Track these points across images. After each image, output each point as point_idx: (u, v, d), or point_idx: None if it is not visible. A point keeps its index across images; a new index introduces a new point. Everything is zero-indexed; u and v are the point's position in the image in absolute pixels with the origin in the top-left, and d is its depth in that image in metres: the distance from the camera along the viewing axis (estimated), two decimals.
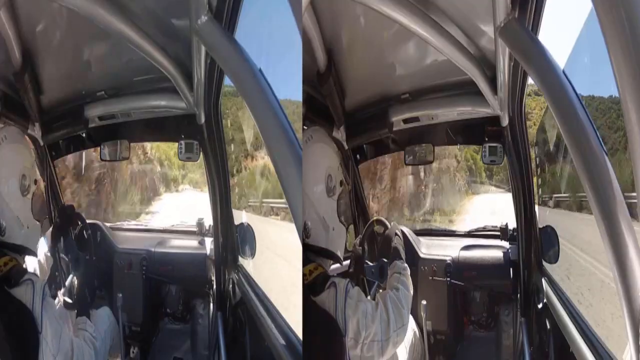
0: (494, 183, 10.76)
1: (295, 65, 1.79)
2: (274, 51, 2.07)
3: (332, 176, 1.88)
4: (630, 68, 0.97)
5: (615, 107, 2.20)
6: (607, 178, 1.29)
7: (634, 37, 0.95)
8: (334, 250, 1.87)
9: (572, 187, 3.35)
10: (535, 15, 1.66)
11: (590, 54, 1.67)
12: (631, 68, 0.97)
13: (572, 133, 1.40)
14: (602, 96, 2.35)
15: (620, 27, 0.96)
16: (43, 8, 2.13)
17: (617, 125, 2.22)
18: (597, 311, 2.28)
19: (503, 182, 9.54)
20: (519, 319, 2.69)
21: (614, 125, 2.32)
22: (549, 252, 2.45)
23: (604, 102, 2.42)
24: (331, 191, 1.87)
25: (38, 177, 2.12)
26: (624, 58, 0.97)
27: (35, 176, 2.09)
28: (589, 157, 1.33)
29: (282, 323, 1.88)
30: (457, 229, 3.78)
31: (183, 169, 10.41)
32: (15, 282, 1.86)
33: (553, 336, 2.23)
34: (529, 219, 2.57)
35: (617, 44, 0.98)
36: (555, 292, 2.26)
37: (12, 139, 2.02)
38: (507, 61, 1.94)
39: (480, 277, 3.07)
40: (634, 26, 0.95)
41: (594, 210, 1.30)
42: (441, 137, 3.09)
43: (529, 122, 2.98)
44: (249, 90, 1.59)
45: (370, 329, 1.78)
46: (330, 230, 1.85)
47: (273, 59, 1.97)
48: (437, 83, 2.65)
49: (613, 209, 1.25)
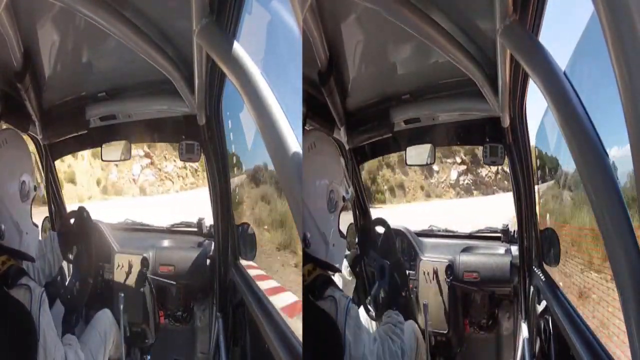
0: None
1: (295, 65, 1.79)
2: (275, 51, 2.07)
3: (335, 191, 1.84)
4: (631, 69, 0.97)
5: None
6: (608, 178, 1.29)
7: (635, 38, 0.95)
8: (333, 263, 1.86)
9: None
10: (536, 17, 1.66)
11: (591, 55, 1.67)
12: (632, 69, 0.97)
13: (573, 134, 1.40)
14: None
15: (622, 28, 0.96)
16: (44, 8, 2.13)
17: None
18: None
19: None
20: (520, 321, 2.69)
21: None
22: (549, 254, 2.45)
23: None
24: (333, 207, 1.84)
25: (38, 183, 2.11)
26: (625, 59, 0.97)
27: (35, 182, 2.08)
28: (589, 158, 1.33)
29: (281, 324, 1.87)
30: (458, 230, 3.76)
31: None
32: (13, 282, 1.86)
33: (553, 338, 2.23)
34: (530, 220, 2.57)
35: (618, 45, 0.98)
36: (555, 295, 2.25)
37: (12, 144, 2.02)
38: (508, 62, 1.94)
39: (481, 278, 3.07)
40: (635, 27, 0.94)
41: (594, 211, 1.30)
42: (442, 137, 3.09)
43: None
44: (250, 91, 1.59)
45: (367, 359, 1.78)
46: (330, 246, 1.83)
47: (274, 59, 1.97)
48: (438, 83, 2.65)
49: (613, 210, 1.25)
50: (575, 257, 2.83)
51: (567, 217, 3.04)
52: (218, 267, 2.67)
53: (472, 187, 24.30)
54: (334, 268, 1.88)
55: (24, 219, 2.02)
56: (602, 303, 2.24)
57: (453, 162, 24.16)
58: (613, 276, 1.22)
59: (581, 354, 1.70)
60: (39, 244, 2.27)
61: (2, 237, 1.92)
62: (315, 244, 1.79)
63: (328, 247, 1.82)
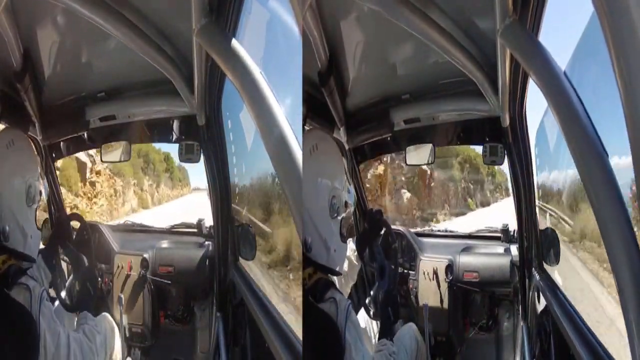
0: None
1: (295, 65, 1.79)
2: (275, 51, 2.07)
3: (337, 197, 1.81)
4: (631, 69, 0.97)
5: None
6: (608, 179, 1.29)
7: (635, 38, 0.95)
8: (334, 267, 1.85)
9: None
10: (536, 17, 1.66)
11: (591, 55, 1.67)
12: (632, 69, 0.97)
13: (573, 134, 1.40)
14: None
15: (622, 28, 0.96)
16: (43, 9, 2.13)
17: None
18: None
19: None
20: (520, 321, 2.69)
21: None
22: (549, 253, 2.44)
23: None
24: (335, 212, 1.81)
25: (42, 188, 2.10)
26: (625, 59, 0.97)
27: (41, 187, 2.07)
28: (589, 159, 1.33)
29: (282, 324, 1.87)
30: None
31: None
32: (13, 281, 1.86)
33: (554, 338, 2.22)
34: (529, 220, 2.56)
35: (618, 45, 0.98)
36: (555, 295, 2.25)
37: (19, 146, 2.02)
38: (508, 62, 1.94)
39: (481, 278, 3.07)
40: (635, 27, 0.94)
41: (594, 211, 1.30)
42: (442, 137, 3.09)
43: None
44: (250, 91, 1.59)
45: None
46: (331, 251, 1.81)
47: (274, 59, 1.97)
48: (438, 83, 2.65)
49: (613, 210, 1.25)
50: None
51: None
52: (218, 267, 2.67)
53: None
54: (335, 272, 1.87)
55: (29, 223, 2.02)
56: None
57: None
58: (613, 276, 1.22)
59: (581, 354, 1.70)
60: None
61: (7, 239, 1.92)
62: (316, 248, 1.78)
63: (329, 253, 1.81)
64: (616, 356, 1.52)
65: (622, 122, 1.01)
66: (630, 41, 0.96)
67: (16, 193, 1.98)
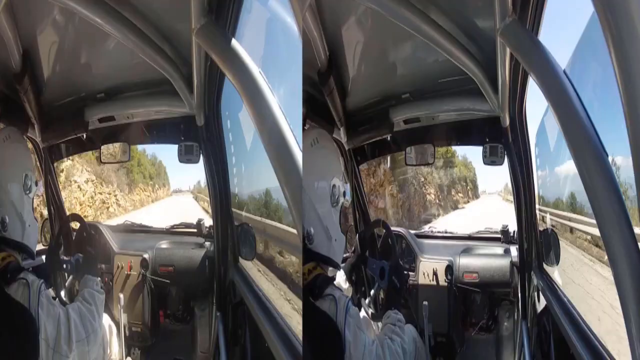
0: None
1: (295, 65, 1.79)
2: (274, 51, 2.07)
3: (337, 186, 1.88)
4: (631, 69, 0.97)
5: None
6: (608, 179, 1.28)
7: (635, 38, 0.95)
8: (334, 259, 1.88)
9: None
10: (536, 16, 1.65)
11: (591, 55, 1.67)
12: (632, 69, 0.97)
13: (572, 134, 1.40)
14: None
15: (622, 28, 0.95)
16: (43, 9, 2.12)
17: None
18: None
19: None
20: (520, 321, 2.68)
21: None
22: (549, 254, 2.44)
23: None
24: (335, 201, 1.88)
25: (38, 178, 2.17)
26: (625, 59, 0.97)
27: (36, 177, 2.14)
28: (589, 158, 1.33)
29: (281, 324, 1.87)
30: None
31: None
32: (11, 277, 1.89)
33: (553, 338, 2.22)
34: (529, 220, 2.56)
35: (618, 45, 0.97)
36: (555, 294, 2.25)
37: (14, 139, 2.13)
38: (508, 61, 1.94)
39: (481, 279, 3.07)
40: (635, 27, 0.94)
41: (594, 211, 1.30)
42: (442, 137, 3.09)
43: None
44: (249, 91, 1.59)
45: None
46: (332, 240, 1.86)
47: (273, 58, 1.97)
48: (438, 83, 2.65)
49: (613, 210, 1.24)
50: None
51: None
52: (218, 267, 2.67)
53: None
54: (334, 264, 1.89)
55: (27, 211, 2.09)
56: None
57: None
58: (613, 276, 1.22)
59: (581, 354, 1.69)
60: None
61: (6, 229, 1.97)
62: (318, 238, 1.81)
63: (331, 242, 1.85)
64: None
65: (622, 122, 1.01)
66: (630, 41, 0.96)
67: (14, 183, 2.07)
